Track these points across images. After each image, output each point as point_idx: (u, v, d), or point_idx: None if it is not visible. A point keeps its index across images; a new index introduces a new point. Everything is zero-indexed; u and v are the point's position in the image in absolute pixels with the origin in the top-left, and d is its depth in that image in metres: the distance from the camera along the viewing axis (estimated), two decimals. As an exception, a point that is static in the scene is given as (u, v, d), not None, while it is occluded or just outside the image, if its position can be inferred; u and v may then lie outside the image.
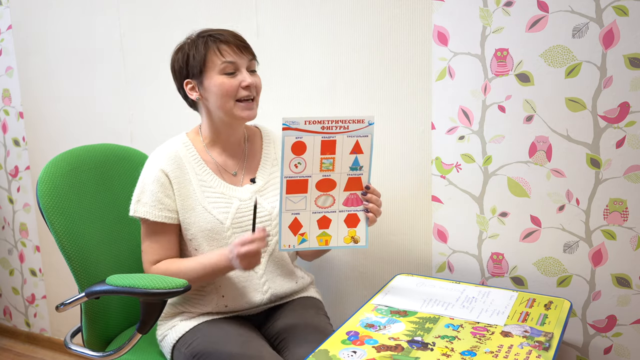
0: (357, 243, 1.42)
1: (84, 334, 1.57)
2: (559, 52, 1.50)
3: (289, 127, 1.29)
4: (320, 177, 1.36)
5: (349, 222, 1.41)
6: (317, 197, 1.37)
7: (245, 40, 1.49)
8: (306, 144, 1.32)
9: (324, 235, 1.40)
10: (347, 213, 1.40)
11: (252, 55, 1.48)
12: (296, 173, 1.34)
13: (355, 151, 1.36)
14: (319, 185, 1.36)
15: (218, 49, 1.44)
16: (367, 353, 1.22)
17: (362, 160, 1.37)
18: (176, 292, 1.31)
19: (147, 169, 1.49)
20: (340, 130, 1.33)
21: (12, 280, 2.73)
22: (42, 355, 2.66)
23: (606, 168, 1.51)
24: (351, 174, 1.38)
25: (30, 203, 2.58)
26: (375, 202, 1.41)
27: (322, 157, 1.34)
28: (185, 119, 2.07)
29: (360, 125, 1.34)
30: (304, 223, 1.38)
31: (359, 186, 1.40)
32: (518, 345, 1.24)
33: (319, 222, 1.39)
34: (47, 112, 2.42)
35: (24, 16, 2.38)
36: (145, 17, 2.09)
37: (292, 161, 1.32)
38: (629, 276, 1.53)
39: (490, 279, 1.69)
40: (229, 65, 1.44)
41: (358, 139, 1.35)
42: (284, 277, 1.57)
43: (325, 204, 1.38)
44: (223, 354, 1.37)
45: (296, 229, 1.37)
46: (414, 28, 1.66)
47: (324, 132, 1.32)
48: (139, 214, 1.46)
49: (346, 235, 1.41)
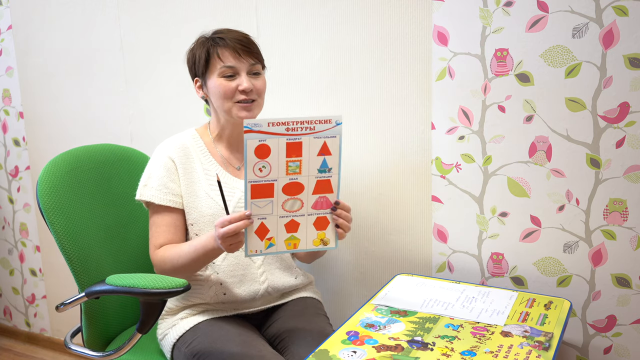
0: (326, 245, 1.38)
1: (84, 333, 1.57)
2: (559, 52, 1.50)
3: (251, 130, 1.26)
4: (286, 180, 1.31)
5: (318, 225, 1.37)
6: (285, 201, 1.33)
7: (250, 43, 1.50)
8: (270, 146, 1.28)
9: (292, 239, 1.36)
10: (316, 216, 1.36)
11: (255, 59, 1.50)
12: (261, 177, 1.29)
13: (323, 153, 1.32)
14: (285, 189, 1.32)
15: (218, 53, 1.47)
16: (367, 353, 1.22)
17: (330, 162, 1.33)
18: (176, 292, 1.31)
19: (155, 156, 1.55)
20: (306, 132, 1.29)
21: (12, 280, 2.73)
22: (42, 355, 2.66)
23: (606, 168, 1.51)
24: (320, 177, 1.34)
25: (30, 203, 2.58)
26: (345, 217, 1.37)
27: (287, 159, 1.30)
28: (185, 119, 2.07)
29: (327, 125, 1.30)
30: (271, 227, 1.33)
31: (329, 189, 1.35)
32: (518, 345, 1.24)
33: (286, 226, 1.35)
34: (47, 112, 2.42)
35: (24, 16, 2.38)
36: (145, 17, 2.09)
37: (256, 165, 1.28)
38: (629, 276, 1.53)
39: (490, 279, 1.69)
40: (227, 70, 1.47)
41: (325, 140, 1.31)
42: (282, 270, 1.58)
43: (293, 207, 1.34)
44: (223, 354, 1.38)
45: (263, 234, 1.33)
46: (414, 28, 1.66)
47: (289, 133, 1.28)
48: (145, 198, 1.50)
49: (315, 238, 1.37)
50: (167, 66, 2.08)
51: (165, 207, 1.50)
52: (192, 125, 1.66)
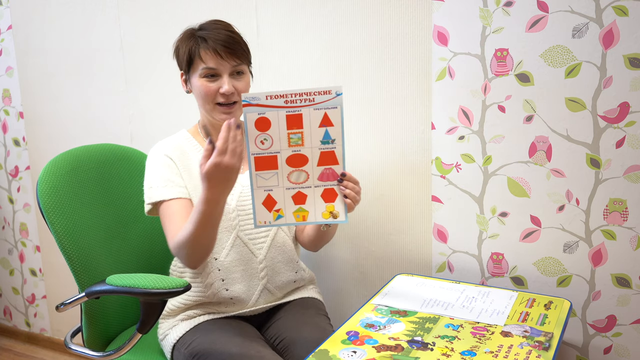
0: (336, 218, 1.37)
1: (84, 333, 1.57)
2: (558, 52, 1.50)
3: (250, 104, 1.27)
4: (289, 152, 1.32)
5: (326, 197, 1.36)
6: (290, 173, 1.34)
7: (234, 43, 1.44)
8: (270, 119, 1.29)
9: (300, 210, 1.36)
10: (323, 188, 1.36)
11: (238, 59, 1.45)
12: (263, 149, 1.31)
13: (325, 124, 1.31)
14: (289, 160, 1.33)
15: (200, 53, 1.43)
16: (367, 353, 1.22)
17: (333, 133, 1.32)
18: (176, 292, 1.31)
19: (152, 158, 1.51)
20: (305, 104, 1.29)
21: (12, 280, 2.73)
22: (42, 355, 2.66)
23: (606, 168, 1.51)
24: (323, 148, 1.33)
25: (30, 203, 2.58)
26: (352, 189, 1.36)
27: (289, 132, 1.31)
28: (185, 118, 2.07)
29: (326, 97, 1.29)
30: (278, 199, 1.35)
31: (334, 160, 1.34)
32: (518, 345, 1.24)
33: (294, 198, 1.35)
34: (47, 112, 2.42)
35: (24, 16, 2.38)
36: (145, 17, 2.09)
37: (258, 138, 1.30)
38: (629, 276, 1.53)
39: (490, 279, 1.69)
40: (209, 70, 1.44)
41: (326, 111, 1.30)
42: (284, 264, 1.57)
43: (299, 179, 1.34)
44: (223, 354, 1.38)
45: (270, 206, 1.35)
46: (414, 28, 1.66)
47: (288, 106, 1.28)
48: (155, 199, 1.46)
49: (324, 210, 1.37)
50: (167, 66, 2.08)
51: (175, 200, 1.46)
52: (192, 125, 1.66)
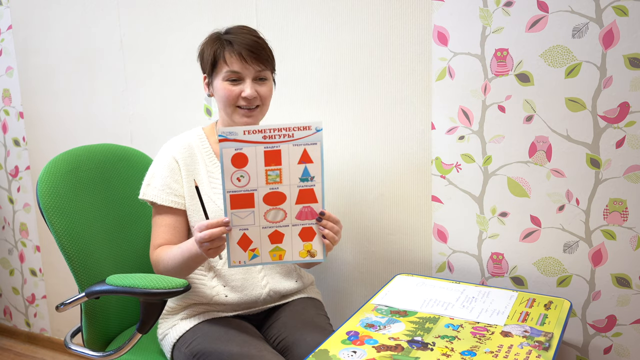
0: (314, 257, 1.33)
1: (84, 333, 1.57)
2: (558, 52, 1.50)
3: (227, 139, 1.24)
4: (267, 190, 1.29)
5: (303, 236, 1.32)
6: (267, 211, 1.30)
7: (260, 49, 1.45)
8: (247, 155, 1.26)
9: (277, 250, 1.32)
10: (301, 227, 1.32)
11: (262, 65, 1.46)
12: (240, 187, 1.27)
13: (304, 160, 1.28)
14: (266, 198, 1.29)
15: (225, 56, 1.44)
16: (367, 353, 1.22)
17: (312, 170, 1.29)
18: (176, 292, 1.31)
19: (160, 155, 1.54)
20: (284, 139, 1.26)
21: (12, 280, 2.73)
22: (42, 355, 2.66)
23: (606, 168, 1.51)
24: (302, 186, 1.30)
25: (30, 203, 2.58)
26: (331, 228, 1.32)
27: (267, 168, 1.27)
28: (185, 119, 2.07)
29: (306, 132, 1.27)
30: (254, 239, 1.31)
31: (312, 198, 1.31)
32: (518, 345, 1.24)
33: (270, 237, 1.31)
34: (47, 112, 2.42)
35: (24, 16, 2.38)
36: (145, 17, 2.09)
37: (234, 174, 1.26)
38: (629, 276, 1.53)
39: (490, 279, 1.69)
40: (232, 74, 1.44)
41: (306, 147, 1.27)
42: (283, 275, 1.58)
43: (276, 218, 1.30)
44: (223, 354, 1.38)
45: (246, 245, 1.31)
46: (414, 28, 1.66)
47: (266, 141, 1.25)
48: (147, 197, 1.50)
49: (301, 249, 1.33)
50: (167, 66, 2.08)
51: (167, 207, 1.50)
52: (192, 125, 1.66)
